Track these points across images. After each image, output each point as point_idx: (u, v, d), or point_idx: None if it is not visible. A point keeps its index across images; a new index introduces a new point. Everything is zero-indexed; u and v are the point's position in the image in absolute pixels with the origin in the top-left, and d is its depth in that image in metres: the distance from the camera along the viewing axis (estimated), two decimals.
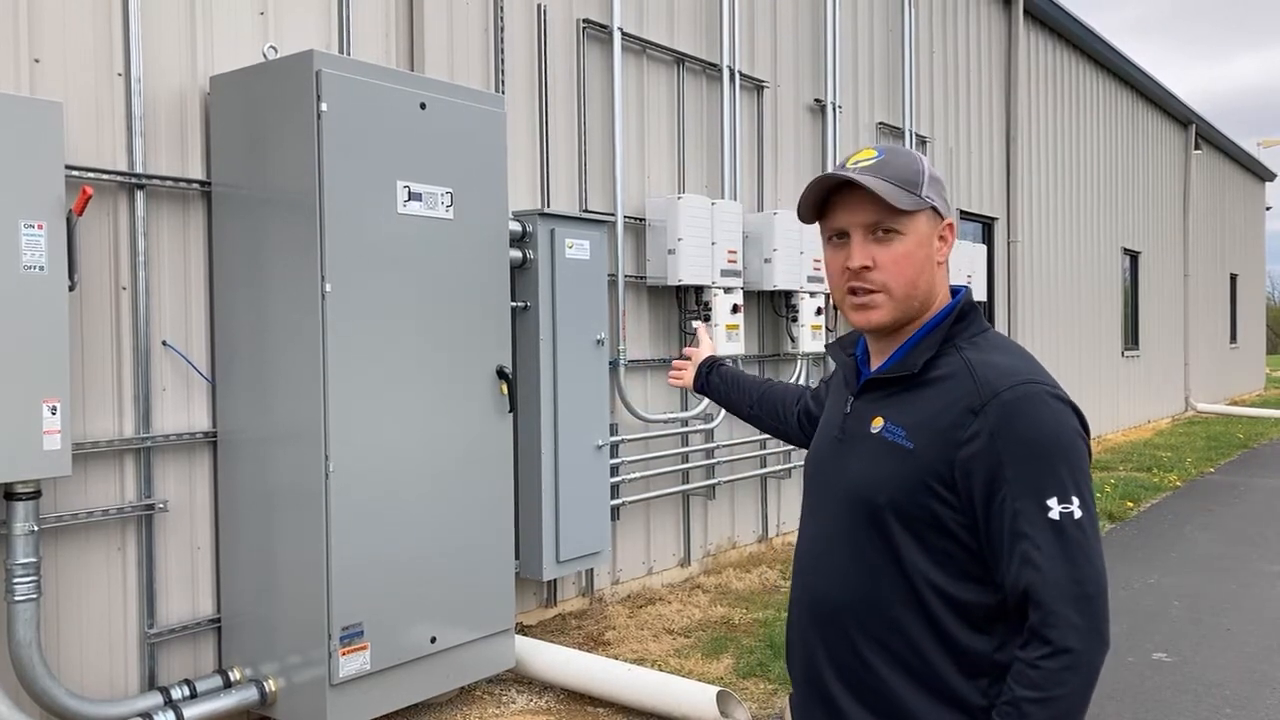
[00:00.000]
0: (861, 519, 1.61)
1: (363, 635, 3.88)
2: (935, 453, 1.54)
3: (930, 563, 1.55)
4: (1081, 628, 1.45)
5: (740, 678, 4.80)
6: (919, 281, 1.63)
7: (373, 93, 3.92)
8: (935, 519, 1.54)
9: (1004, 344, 1.64)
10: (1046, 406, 1.52)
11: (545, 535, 5.11)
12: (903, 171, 1.62)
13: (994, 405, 1.51)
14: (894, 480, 1.57)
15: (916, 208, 1.61)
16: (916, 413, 1.59)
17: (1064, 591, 1.45)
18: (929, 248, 1.64)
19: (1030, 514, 1.48)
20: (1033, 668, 1.46)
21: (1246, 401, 21.64)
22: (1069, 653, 1.44)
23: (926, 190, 1.62)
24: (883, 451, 1.60)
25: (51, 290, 3.43)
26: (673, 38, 6.57)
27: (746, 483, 7.23)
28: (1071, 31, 13.06)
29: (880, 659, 1.59)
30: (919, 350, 1.63)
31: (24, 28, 3.68)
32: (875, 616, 1.59)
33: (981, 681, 1.54)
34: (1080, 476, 1.50)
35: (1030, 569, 1.47)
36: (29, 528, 3.46)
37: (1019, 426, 1.50)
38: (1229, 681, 4.84)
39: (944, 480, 1.53)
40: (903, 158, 1.64)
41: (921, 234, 1.63)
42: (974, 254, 9.53)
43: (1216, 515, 9.03)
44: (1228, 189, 22.15)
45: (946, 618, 1.55)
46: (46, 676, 3.51)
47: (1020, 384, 1.53)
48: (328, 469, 3.78)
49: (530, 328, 5.08)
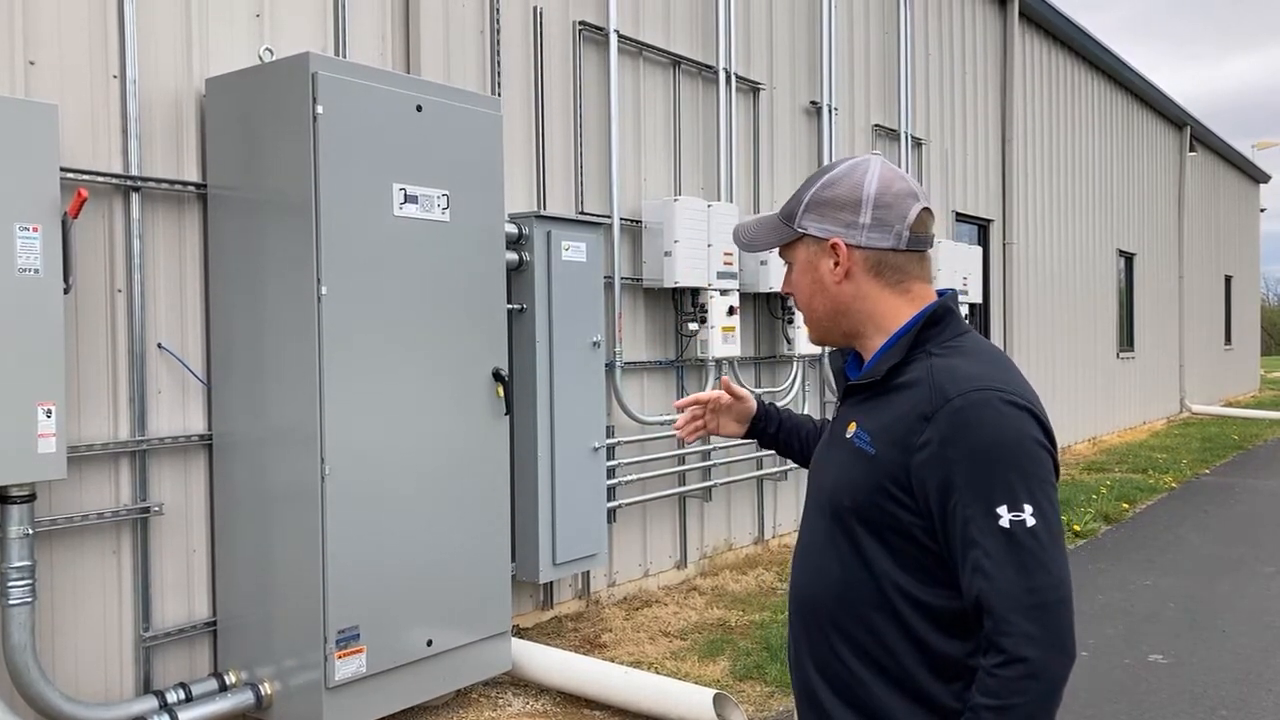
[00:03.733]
0: (834, 522, 1.64)
1: (359, 638, 3.88)
2: (893, 458, 1.55)
3: (896, 567, 1.56)
4: (1036, 637, 1.43)
5: (737, 680, 4.80)
6: (813, 305, 1.71)
7: (368, 95, 3.92)
8: (897, 523, 1.55)
9: (976, 348, 1.62)
10: (996, 412, 1.50)
11: (541, 537, 5.11)
12: (791, 204, 1.71)
13: (944, 412, 1.51)
14: (857, 484, 1.60)
15: (779, 241, 1.72)
16: (880, 418, 1.60)
17: (1016, 600, 1.44)
18: (813, 273, 1.69)
19: (980, 522, 1.47)
20: (990, 676, 1.45)
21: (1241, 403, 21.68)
22: (1024, 661, 1.43)
23: (801, 219, 1.68)
24: (852, 456, 1.63)
25: (47, 293, 3.42)
26: (669, 40, 6.58)
27: (743, 485, 7.23)
28: (1066, 33, 13.09)
29: (856, 659, 1.60)
30: (886, 357, 1.64)
31: (19, 30, 3.67)
32: (850, 617, 1.61)
33: (955, 685, 1.54)
34: (1034, 483, 1.48)
35: (981, 577, 1.46)
36: (24, 531, 3.45)
37: (968, 433, 1.49)
38: (1225, 683, 4.85)
39: (902, 485, 1.54)
40: (804, 186, 1.72)
41: (802, 262, 1.71)
42: (969, 256, 9.53)
43: (1212, 517, 9.04)
44: (1222, 191, 22.20)
45: (917, 621, 1.55)
46: (41, 680, 3.50)
47: (972, 390, 1.52)
48: (323, 471, 3.77)
49: (526, 330, 5.08)
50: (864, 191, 1.65)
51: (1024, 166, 12.06)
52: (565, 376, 5.18)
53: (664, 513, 6.53)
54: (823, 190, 1.67)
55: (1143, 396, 16.31)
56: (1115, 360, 15.14)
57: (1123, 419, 15.28)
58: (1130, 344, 15.93)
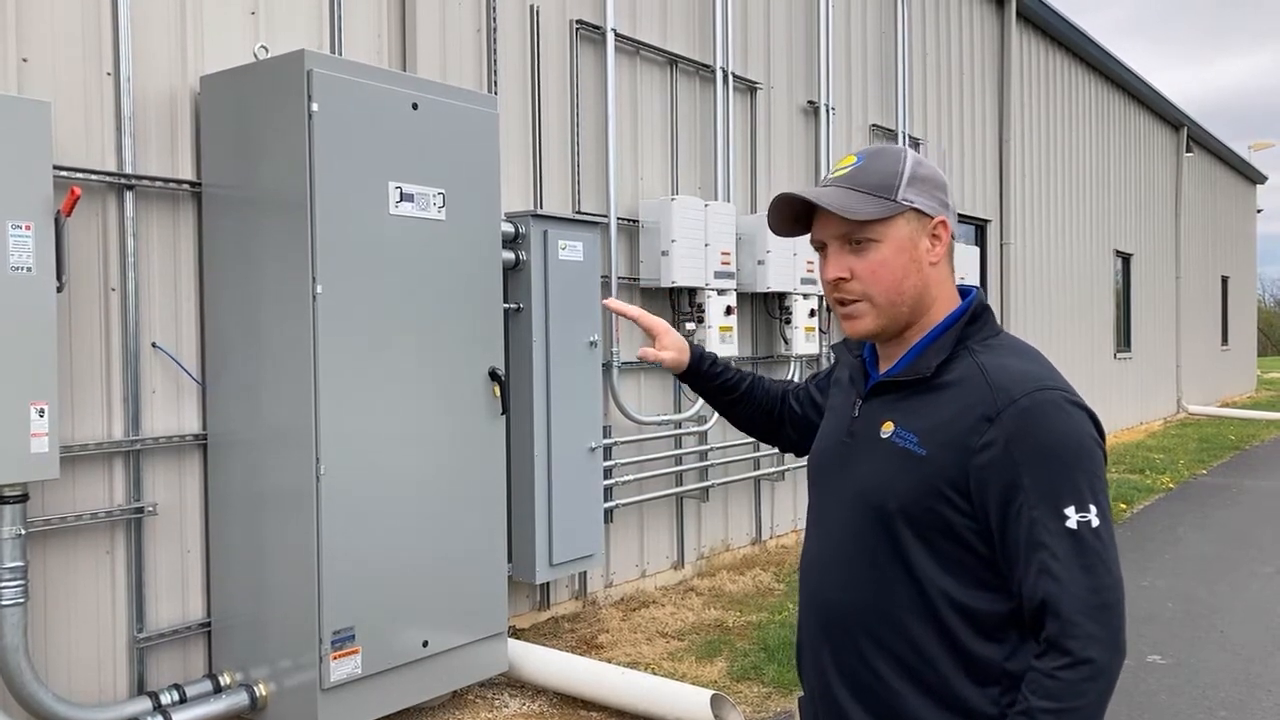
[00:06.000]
0: (871, 525, 1.58)
1: (354, 639, 3.85)
2: (949, 459, 1.51)
3: (941, 570, 1.53)
4: (1101, 638, 1.42)
5: (734, 681, 4.78)
6: (903, 287, 1.59)
7: (364, 93, 3.90)
8: (947, 526, 1.52)
9: (1019, 347, 1.60)
10: (1064, 413, 1.48)
11: (538, 538, 5.09)
12: (876, 177, 1.58)
13: (1010, 412, 1.48)
14: (905, 486, 1.54)
15: (886, 214, 1.57)
16: (929, 418, 1.55)
17: (1083, 602, 1.42)
18: (913, 251, 1.59)
19: (1048, 523, 1.45)
20: (1050, 678, 1.42)
21: (1238, 403, 21.70)
22: (1089, 663, 1.41)
23: (904, 193, 1.57)
24: (893, 457, 1.57)
25: (39, 291, 3.40)
26: (666, 39, 6.56)
27: (740, 485, 7.21)
28: (1064, 34, 13.09)
29: (888, 666, 1.56)
30: (931, 353, 1.59)
31: (11, 26, 3.65)
32: (884, 623, 1.56)
33: (992, 690, 1.51)
34: (1097, 484, 1.47)
35: (1048, 579, 1.44)
36: (16, 531, 3.43)
37: (1036, 434, 1.47)
38: (1224, 683, 4.84)
39: (958, 487, 1.50)
40: (881, 160, 1.60)
41: (901, 239, 1.58)
42: (966, 256, 9.53)
43: (1210, 517, 9.04)
44: (1219, 192, 22.22)
45: (957, 625, 1.52)
46: (34, 681, 3.48)
47: (1037, 390, 1.49)
48: (318, 471, 3.75)
49: (523, 329, 5.06)
50: (942, 175, 1.64)
51: (1021, 167, 12.06)
52: (562, 376, 5.16)
53: (661, 513, 6.51)
54: (917, 167, 1.60)
55: (1140, 397, 16.31)
56: (1112, 361, 15.15)
57: (1120, 420, 15.28)
58: (1127, 344, 15.93)
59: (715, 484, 6.79)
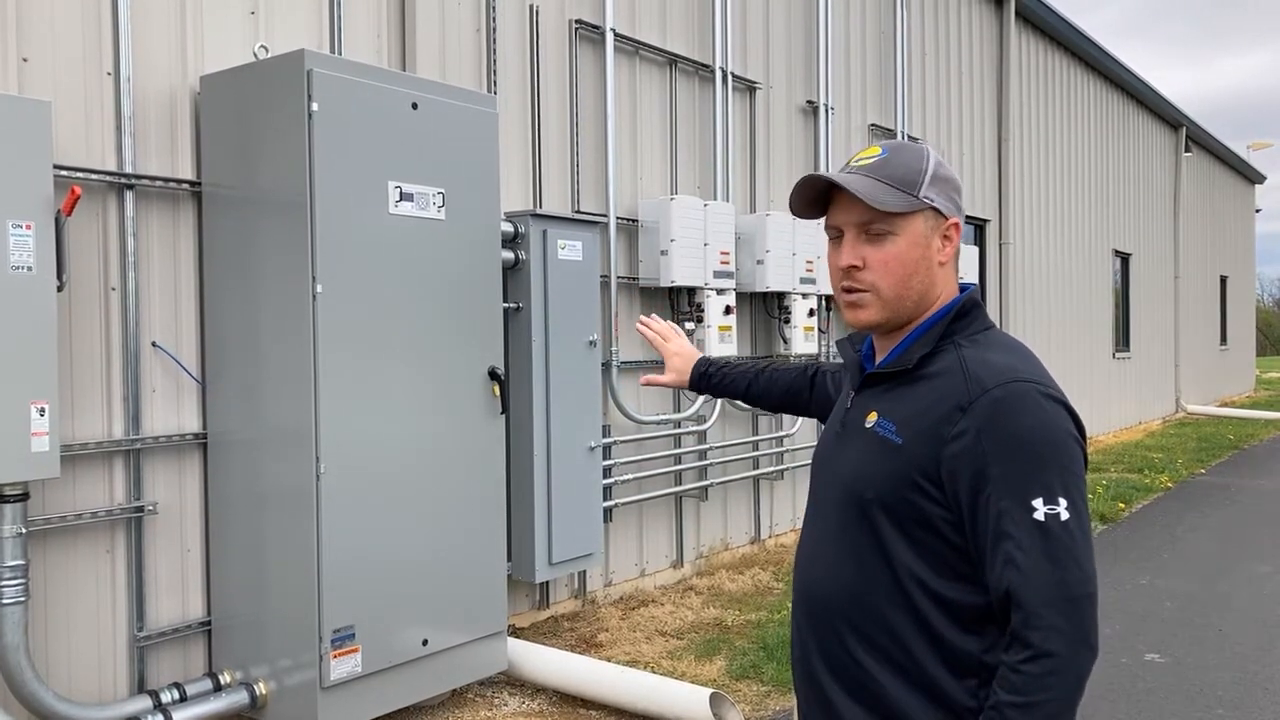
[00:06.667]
0: (852, 514, 1.60)
1: (354, 638, 3.86)
2: (922, 448, 1.52)
3: (918, 560, 1.54)
4: (1065, 631, 1.42)
5: (733, 679, 4.79)
6: (911, 283, 1.61)
7: (364, 92, 3.90)
8: (922, 515, 1.53)
9: (1005, 342, 1.62)
10: (1036, 405, 1.49)
11: (538, 537, 5.09)
12: (900, 170, 1.61)
13: (982, 402, 1.49)
14: (881, 475, 1.56)
15: (908, 209, 1.59)
16: (907, 408, 1.57)
17: (1047, 594, 1.42)
18: (925, 248, 1.62)
19: (1014, 514, 1.45)
20: (1015, 672, 1.43)
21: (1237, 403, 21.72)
22: (1051, 657, 1.41)
23: (926, 190, 1.60)
24: (874, 446, 1.59)
25: (39, 291, 3.40)
26: (665, 39, 6.57)
27: (739, 484, 7.22)
28: (1063, 34, 13.10)
29: (870, 655, 1.58)
30: (916, 346, 1.61)
31: (12, 26, 3.66)
32: (864, 613, 1.58)
33: (970, 682, 1.52)
34: (1069, 478, 1.47)
35: (1012, 570, 1.44)
36: (17, 530, 3.43)
37: (1007, 424, 1.48)
38: (1222, 682, 4.85)
39: (930, 477, 1.52)
40: (906, 155, 1.63)
41: (916, 234, 1.61)
42: (965, 256, 9.55)
43: (1208, 516, 9.05)
44: (1218, 191, 22.23)
45: (935, 616, 1.53)
46: (34, 680, 3.48)
47: (1012, 381, 1.51)
48: (318, 470, 3.75)
49: (522, 329, 5.06)
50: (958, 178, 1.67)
51: (1020, 166, 12.07)
52: (561, 375, 5.17)
53: (660, 512, 6.52)
54: (939, 167, 1.64)
55: (1138, 397, 16.33)
56: (1111, 360, 15.16)
57: (1118, 419, 15.29)
58: (1126, 344, 15.94)
59: (714, 483, 6.80)
